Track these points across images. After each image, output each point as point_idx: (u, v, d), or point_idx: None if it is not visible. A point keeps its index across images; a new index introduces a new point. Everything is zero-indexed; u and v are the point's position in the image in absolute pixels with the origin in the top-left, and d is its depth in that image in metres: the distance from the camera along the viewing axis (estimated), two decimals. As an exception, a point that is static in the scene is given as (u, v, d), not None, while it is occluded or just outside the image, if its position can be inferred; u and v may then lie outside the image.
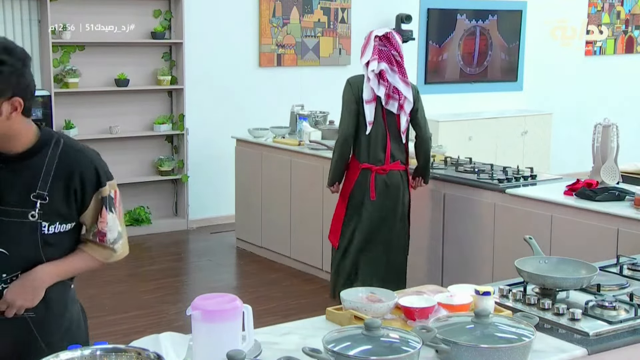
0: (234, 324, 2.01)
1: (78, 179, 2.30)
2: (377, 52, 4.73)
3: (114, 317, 5.26)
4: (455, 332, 2.14)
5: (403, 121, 4.80)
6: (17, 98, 2.19)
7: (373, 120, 4.75)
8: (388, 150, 4.81)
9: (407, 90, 4.75)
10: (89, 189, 2.32)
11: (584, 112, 9.91)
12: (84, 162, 2.32)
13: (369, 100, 4.74)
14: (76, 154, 2.32)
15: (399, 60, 4.76)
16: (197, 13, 7.46)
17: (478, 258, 4.91)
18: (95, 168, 2.33)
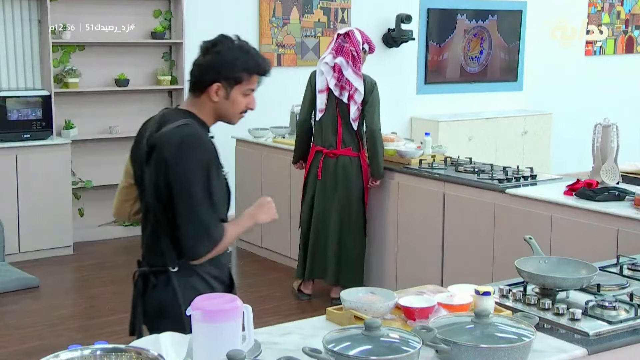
0: (234, 324, 2.01)
1: None
2: (336, 47, 5.28)
3: (114, 317, 5.26)
4: (455, 332, 2.14)
5: (353, 110, 5.25)
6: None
7: (324, 107, 5.32)
8: (339, 135, 5.30)
9: (358, 82, 5.21)
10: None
11: (584, 112, 9.91)
12: None
13: (321, 90, 5.31)
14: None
15: (355, 55, 5.24)
16: (197, 13, 7.46)
17: (478, 258, 4.90)
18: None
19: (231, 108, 2.64)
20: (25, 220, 6.46)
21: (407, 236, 5.42)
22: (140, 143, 2.61)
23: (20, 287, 5.77)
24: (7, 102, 6.45)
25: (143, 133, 2.65)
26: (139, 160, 2.61)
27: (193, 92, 2.61)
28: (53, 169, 6.56)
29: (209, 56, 2.63)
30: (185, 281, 2.54)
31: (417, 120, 8.74)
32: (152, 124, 2.62)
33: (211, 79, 2.58)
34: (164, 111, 2.68)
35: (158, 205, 2.53)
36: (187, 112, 2.59)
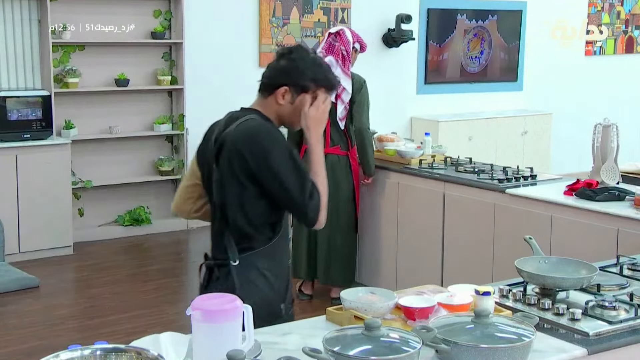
0: (234, 324, 2.01)
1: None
2: (326, 46, 5.30)
3: (114, 317, 5.27)
4: (455, 332, 2.14)
5: (340, 109, 5.25)
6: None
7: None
8: (327, 134, 5.22)
9: (346, 82, 5.21)
10: None
11: (584, 112, 9.91)
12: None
13: None
14: None
15: (344, 55, 5.25)
16: (197, 13, 7.46)
17: (478, 258, 4.90)
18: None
19: (293, 114, 2.75)
20: (25, 220, 6.46)
21: (407, 236, 5.42)
22: (208, 144, 2.76)
23: (20, 287, 5.77)
24: (7, 102, 6.45)
25: (210, 135, 2.79)
26: (206, 160, 2.75)
27: (262, 93, 2.80)
28: (53, 169, 6.56)
29: (282, 61, 2.79)
30: (244, 275, 2.65)
31: (417, 120, 8.74)
32: (219, 125, 2.76)
33: (281, 82, 2.74)
34: (230, 113, 2.84)
35: (227, 200, 2.65)
36: (253, 110, 2.77)
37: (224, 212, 2.67)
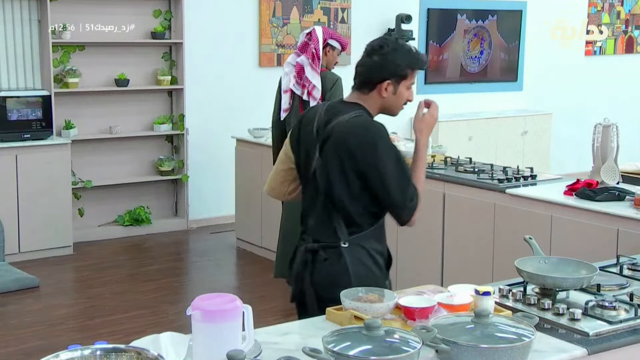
0: (234, 324, 2.01)
1: None
2: (301, 46, 5.42)
3: (114, 317, 5.27)
4: (455, 332, 2.14)
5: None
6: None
7: (289, 107, 5.44)
8: None
9: (315, 79, 5.32)
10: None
11: (584, 112, 9.91)
12: None
13: (285, 90, 5.45)
14: None
15: (314, 53, 5.35)
16: (197, 13, 7.46)
17: (478, 258, 4.90)
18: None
19: (396, 101, 2.97)
20: (25, 220, 6.46)
21: (407, 236, 5.41)
22: (305, 131, 2.93)
23: (20, 287, 5.77)
24: (7, 102, 6.45)
25: (307, 123, 2.94)
26: (304, 148, 2.92)
27: (361, 90, 2.92)
28: (53, 169, 6.56)
29: (375, 57, 2.90)
30: (354, 256, 2.83)
31: (417, 120, 8.73)
32: (319, 116, 2.90)
33: (382, 77, 2.89)
34: (329, 104, 3.00)
35: (334, 188, 2.82)
36: (356, 105, 2.91)
37: (331, 196, 2.84)
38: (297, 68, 5.39)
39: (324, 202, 2.85)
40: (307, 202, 2.95)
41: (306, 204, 2.96)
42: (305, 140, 2.93)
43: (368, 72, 2.90)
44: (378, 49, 2.92)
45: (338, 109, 2.90)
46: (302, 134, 2.96)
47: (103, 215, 7.30)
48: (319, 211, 2.88)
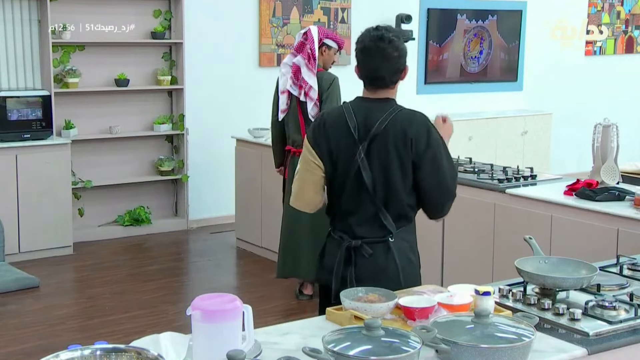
0: (234, 324, 2.01)
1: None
2: (298, 46, 5.44)
3: (114, 317, 5.27)
4: (455, 332, 2.14)
5: (310, 107, 5.34)
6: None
7: (286, 107, 5.46)
8: (302, 133, 5.31)
9: (311, 80, 5.32)
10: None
11: (584, 112, 9.91)
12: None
13: (282, 90, 5.47)
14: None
15: (309, 53, 5.36)
16: (197, 13, 7.46)
17: (478, 258, 4.90)
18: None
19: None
20: (25, 220, 6.46)
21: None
22: (335, 135, 2.95)
23: (20, 287, 5.77)
24: (7, 102, 6.45)
25: (336, 126, 2.96)
26: (337, 151, 2.94)
27: (388, 85, 2.98)
28: (53, 169, 6.56)
29: (390, 51, 2.94)
30: (400, 248, 2.95)
31: (417, 120, 8.73)
32: (350, 117, 2.94)
33: (403, 66, 3.00)
34: (353, 104, 3.00)
35: (392, 183, 2.90)
36: (389, 99, 3.00)
37: (385, 197, 2.91)
38: (294, 69, 5.39)
39: (371, 200, 2.91)
40: (349, 203, 2.97)
41: (348, 204, 2.97)
42: (338, 143, 2.94)
43: (393, 68, 2.95)
44: (389, 43, 2.94)
45: (371, 106, 2.96)
46: (332, 138, 2.95)
47: (103, 215, 7.30)
48: (365, 209, 2.94)
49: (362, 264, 2.94)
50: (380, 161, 2.89)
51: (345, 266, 2.96)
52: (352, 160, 2.91)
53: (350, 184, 2.93)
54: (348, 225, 2.98)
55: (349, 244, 2.95)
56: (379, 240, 2.93)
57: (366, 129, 2.90)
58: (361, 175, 2.90)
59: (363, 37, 2.97)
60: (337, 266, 2.98)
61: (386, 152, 2.89)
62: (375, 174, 2.90)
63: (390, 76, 2.95)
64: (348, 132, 2.91)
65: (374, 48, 2.91)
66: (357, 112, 2.94)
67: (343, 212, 3.00)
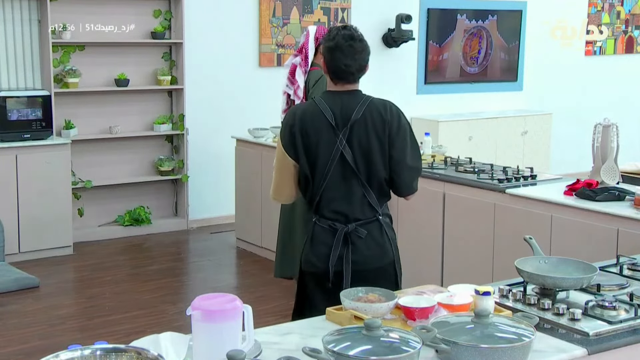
0: (234, 324, 2.01)
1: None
2: (300, 47, 5.49)
3: (114, 317, 5.27)
4: (455, 332, 2.14)
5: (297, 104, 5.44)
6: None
7: (287, 107, 5.49)
8: None
9: (300, 79, 5.38)
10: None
11: (584, 112, 9.91)
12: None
13: (283, 91, 5.55)
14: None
15: (303, 52, 5.41)
16: (197, 13, 7.46)
17: (478, 258, 4.90)
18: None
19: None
20: (25, 220, 6.46)
21: (407, 236, 5.42)
22: (313, 127, 3.15)
23: (20, 287, 5.77)
24: (7, 102, 6.45)
25: (313, 119, 3.16)
26: (316, 142, 3.14)
27: (356, 79, 3.23)
28: (53, 169, 6.55)
29: (359, 46, 3.21)
30: (387, 223, 3.24)
31: (417, 120, 8.73)
32: (325, 109, 3.15)
33: (366, 63, 3.25)
34: (323, 98, 3.22)
35: (374, 164, 3.14)
36: (358, 91, 3.24)
37: (368, 177, 3.15)
38: (292, 68, 5.44)
39: (357, 181, 3.15)
40: (335, 189, 3.16)
41: (334, 191, 3.16)
42: (317, 135, 3.15)
43: (362, 65, 3.21)
44: (360, 40, 3.22)
45: (343, 98, 3.19)
46: (310, 132, 3.15)
47: (103, 215, 7.30)
48: (353, 192, 3.16)
49: (360, 245, 3.15)
50: (360, 145, 3.13)
51: (344, 250, 3.14)
52: (334, 148, 3.13)
53: (334, 170, 3.14)
54: (338, 212, 3.16)
55: (346, 229, 3.14)
56: (371, 219, 3.17)
57: (344, 117, 3.14)
58: (345, 161, 3.13)
59: (334, 35, 3.21)
60: (334, 250, 3.14)
61: (366, 136, 3.14)
62: (357, 157, 3.13)
63: (357, 71, 3.20)
64: (326, 122, 3.14)
65: (345, 46, 3.16)
66: (331, 104, 3.17)
67: (329, 199, 3.16)
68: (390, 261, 3.20)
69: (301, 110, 3.23)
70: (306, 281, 3.29)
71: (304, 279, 3.31)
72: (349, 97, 3.20)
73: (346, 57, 3.16)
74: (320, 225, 3.19)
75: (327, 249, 3.15)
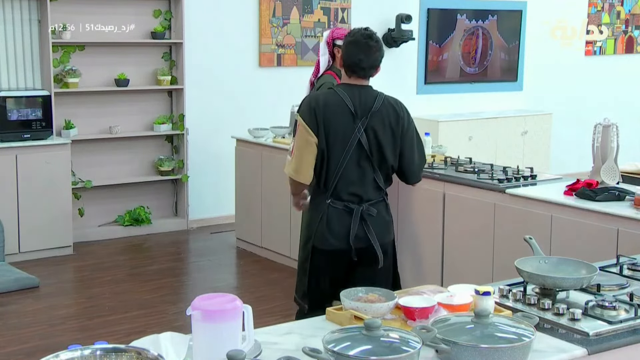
0: (234, 324, 2.01)
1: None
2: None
3: (114, 317, 5.27)
4: (455, 332, 2.14)
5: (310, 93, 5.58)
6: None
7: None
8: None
9: (308, 91, 5.23)
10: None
11: (584, 112, 9.91)
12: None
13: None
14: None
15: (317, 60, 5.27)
16: (197, 13, 7.46)
17: (478, 258, 4.90)
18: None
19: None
20: (25, 220, 6.46)
21: (407, 236, 5.42)
22: (334, 115, 3.51)
23: (20, 287, 5.77)
24: (7, 102, 6.45)
25: (334, 108, 3.53)
26: (335, 129, 3.51)
27: (369, 76, 3.65)
28: (53, 169, 6.56)
29: (377, 53, 3.63)
30: (388, 205, 3.70)
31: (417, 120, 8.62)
32: (347, 99, 3.52)
33: (379, 64, 3.69)
34: (340, 89, 3.58)
35: (386, 152, 3.56)
36: (370, 87, 3.66)
37: (380, 163, 3.57)
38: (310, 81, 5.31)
39: (370, 166, 3.56)
40: (353, 173, 3.54)
41: (352, 174, 3.54)
42: (336, 122, 3.51)
43: (376, 63, 3.63)
44: (377, 43, 3.62)
45: (360, 90, 3.59)
46: (330, 118, 3.51)
47: (103, 215, 7.30)
48: (367, 176, 3.57)
49: (372, 223, 3.56)
50: (376, 134, 3.53)
51: (363, 229, 3.55)
52: (352, 135, 3.50)
53: (352, 155, 3.51)
54: (353, 193, 3.55)
55: (362, 208, 3.54)
56: (379, 200, 3.61)
57: (363, 107, 3.53)
58: (361, 147, 3.51)
59: (354, 33, 3.59)
60: (352, 229, 3.52)
61: (382, 126, 3.54)
62: (372, 144, 3.53)
63: (369, 68, 3.58)
64: (347, 110, 3.51)
65: (362, 42, 3.54)
66: (351, 95, 3.55)
67: (346, 182, 3.54)
68: (392, 239, 3.68)
69: (324, 96, 3.59)
70: (319, 260, 3.62)
71: (318, 258, 3.62)
72: (365, 90, 3.59)
73: (360, 52, 3.53)
74: (334, 206, 3.55)
75: (344, 228, 3.53)
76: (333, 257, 3.58)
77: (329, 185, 3.53)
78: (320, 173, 3.55)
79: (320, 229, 3.56)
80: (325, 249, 3.58)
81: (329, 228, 3.53)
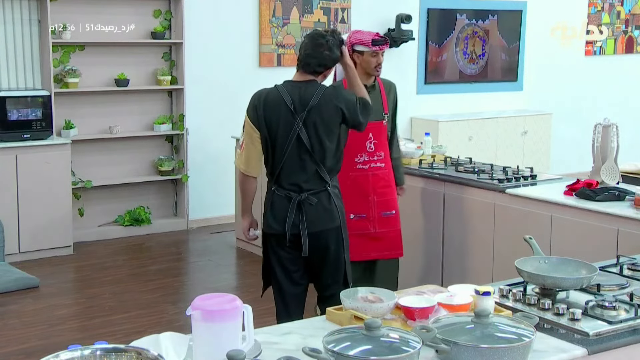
0: (234, 324, 2.01)
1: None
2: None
3: (114, 317, 5.27)
4: (455, 332, 2.14)
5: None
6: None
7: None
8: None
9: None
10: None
11: (584, 112, 9.91)
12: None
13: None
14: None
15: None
16: (197, 13, 7.46)
17: (478, 258, 4.91)
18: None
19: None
20: (25, 220, 6.46)
21: (407, 236, 5.42)
22: (273, 111, 3.68)
23: (20, 287, 5.77)
24: (7, 102, 6.45)
25: (273, 104, 3.69)
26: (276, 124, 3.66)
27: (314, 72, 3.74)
28: (53, 169, 6.56)
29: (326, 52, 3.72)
30: (335, 194, 3.77)
31: (417, 120, 8.74)
32: (286, 96, 3.68)
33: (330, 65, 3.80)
34: (284, 86, 3.75)
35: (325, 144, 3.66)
36: (314, 80, 3.74)
37: (321, 155, 3.67)
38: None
39: (311, 159, 3.67)
40: (293, 164, 3.68)
41: (292, 166, 3.69)
42: (277, 117, 3.67)
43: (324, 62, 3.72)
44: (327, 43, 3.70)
45: (301, 86, 3.72)
46: (272, 113, 3.68)
47: (103, 215, 7.30)
48: (308, 167, 3.69)
49: (311, 211, 3.69)
50: (315, 127, 3.65)
51: (298, 216, 3.69)
52: (291, 129, 3.65)
53: (291, 148, 3.66)
54: (294, 183, 3.70)
55: (299, 198, 3.68)
56: (321, 189, 3.71)
57: (302, 103, 3.65)
58: (301, 140, 3.65)
59: (317, 30, 3.78)
60: (289, 216, 3.69)
61: (321, 120, 3.65)
62: (312, 138, 3.65)
63: (315, 65, 3.69)
64: (285, 107, 3.65)
65: (314, 39, 3.69)
66: (290, 92, 3.70)
67: (288, 172, 3.70)
68: (337, 225, 3.75)
69: (266, 93, 3.73)
70: (268, 242, 3.84)
71: (266, 240, 3.85)
72: (306, 86, 3.70)
73: (309, 48, 3.69)
74: (278, 194, 3.76)
75: (284, 214, 3.71)
76: (277, 240, 3.77)
77: (274, 174, 3.74)
78: (267, 163, 3.78)
79: (266, 214, 3.83)
80: (268, 233, 3.82)
81: (272, 213, 3.78)
